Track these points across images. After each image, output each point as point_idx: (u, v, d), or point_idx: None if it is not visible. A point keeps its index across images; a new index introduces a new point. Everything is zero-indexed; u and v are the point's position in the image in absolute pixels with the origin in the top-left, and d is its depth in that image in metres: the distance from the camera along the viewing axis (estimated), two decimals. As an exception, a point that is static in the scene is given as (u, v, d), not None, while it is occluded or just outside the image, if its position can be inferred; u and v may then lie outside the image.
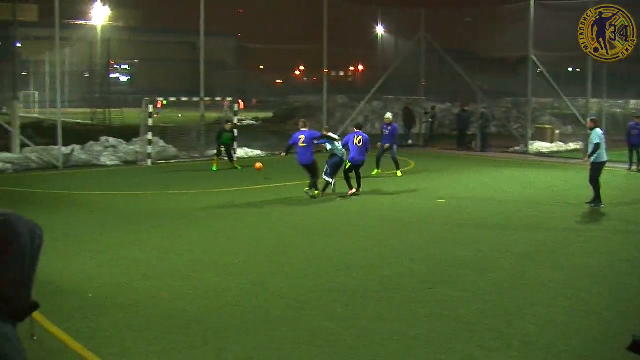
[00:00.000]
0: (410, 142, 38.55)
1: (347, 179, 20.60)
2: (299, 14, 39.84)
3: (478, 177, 25.51)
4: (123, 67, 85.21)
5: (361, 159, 20.68)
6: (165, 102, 42.38)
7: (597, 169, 19.01)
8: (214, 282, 11.28)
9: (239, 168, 26.55)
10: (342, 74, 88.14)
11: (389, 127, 25.79)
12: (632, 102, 49.27)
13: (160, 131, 30.81)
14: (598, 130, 19.09)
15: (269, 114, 56.90)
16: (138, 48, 69.19)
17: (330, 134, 20.63)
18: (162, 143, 30.48)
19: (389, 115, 26.51)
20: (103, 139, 30.55)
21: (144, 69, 79.94)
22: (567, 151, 36.46)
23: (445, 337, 8.90)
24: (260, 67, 61.77)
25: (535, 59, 35.45)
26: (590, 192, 19.17)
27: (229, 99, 32.25)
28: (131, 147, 30.02)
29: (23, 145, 28.07)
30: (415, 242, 14.50)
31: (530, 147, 35.80)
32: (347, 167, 20.65)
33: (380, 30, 46.86)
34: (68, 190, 21.38)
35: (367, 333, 8.97)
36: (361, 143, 20.62)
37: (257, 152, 32.15)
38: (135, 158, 28.91)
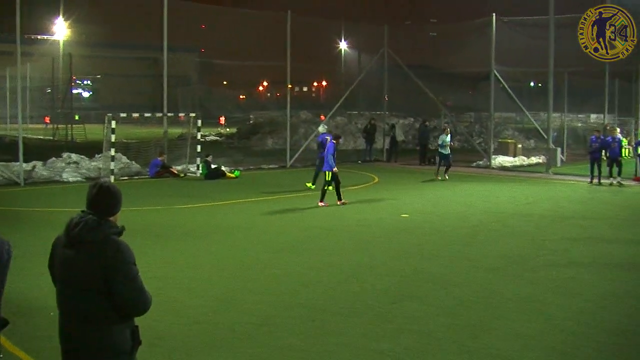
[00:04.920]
0: (373, 157, 38.66)
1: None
2: (263, 30, 39.81)
3: (441, 191, 25.62)
4: (85, 82, 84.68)
5: (323, 168, 21.82)
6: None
7: None
8: (180, 299, 11.19)
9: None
10: (305, 89, 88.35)
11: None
12: (593, 116, 49.98)
13: (123, 147, 30.57)
14: None
15: (233, 130, 56.77)
16: (101, 63, 68.79)
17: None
18: (125, 159, 30.26)
19: (320, 127, 26.64)
20: (65, 155, 30.29)
21: (106, 84, 79.52)
22: (529, 165, 36.84)
23: (412, 351, 8.89)
24: (224, 82, 61.70)
25: (497, 74, 35.78)
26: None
27: (193, 114, 32.03)
28: (93, 163, 29.77)
29: (-17, 162, 27.75)
30: (381, 257, 14.50)
31: (492, 161, 36.07)
32: None
33: (343, 45, 47.06)
34: (29, 207, 21.16)
35: (334, 349, 8.95)
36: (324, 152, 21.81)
37: (223, 168, 32.01)
38: (98, 174, 28.56)
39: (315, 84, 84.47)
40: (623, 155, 29.83)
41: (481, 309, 10.84)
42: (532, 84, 52.95)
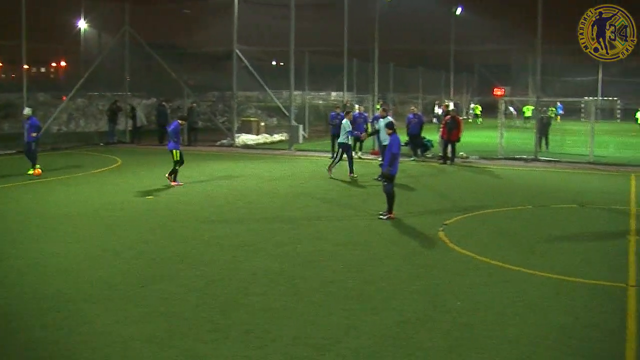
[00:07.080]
0: (116, 139, 37.83)
1: None
2: (-5, 6, 37.67)
3: (186, 172, 25.43)
4: None
5: (168, 147, 22.28)
6: None
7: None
8: None
9: None
10: (43, 70, 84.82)
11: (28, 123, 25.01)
12: (333, 93, 51.71)
13: None
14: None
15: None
16: None
17: None
18: None
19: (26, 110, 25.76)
20: None
21: None
22: (272, 142, 37.62)
23: (163, 334, 8.82)
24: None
25: (239, 53, 36.16)
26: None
27: None
28: None
29: None
30: (127, 240, 14.25)
31: (236, 140, 36.53)
32: None
33: (82, 24, 45.52)
34: None
35: (86, 338, 8.67)
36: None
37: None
38: None
39: (54, 64, 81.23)
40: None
41: (231, 286, 10.95)
42: (274, 62, 53.90)
